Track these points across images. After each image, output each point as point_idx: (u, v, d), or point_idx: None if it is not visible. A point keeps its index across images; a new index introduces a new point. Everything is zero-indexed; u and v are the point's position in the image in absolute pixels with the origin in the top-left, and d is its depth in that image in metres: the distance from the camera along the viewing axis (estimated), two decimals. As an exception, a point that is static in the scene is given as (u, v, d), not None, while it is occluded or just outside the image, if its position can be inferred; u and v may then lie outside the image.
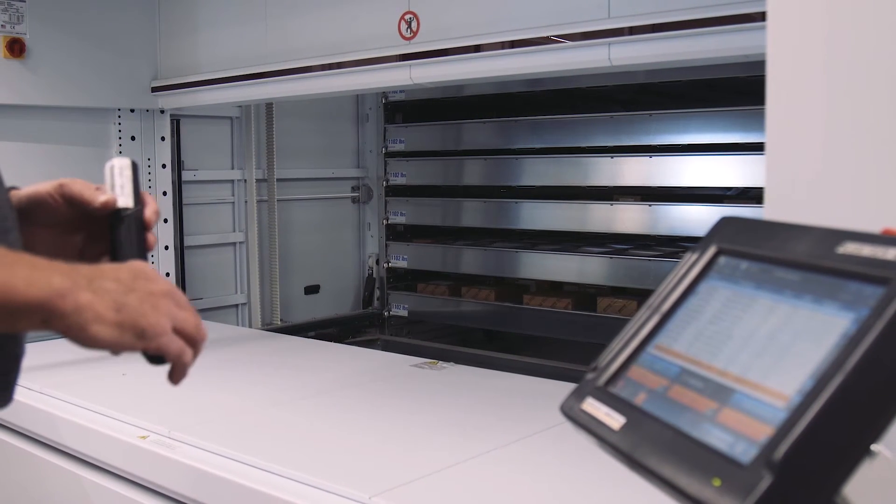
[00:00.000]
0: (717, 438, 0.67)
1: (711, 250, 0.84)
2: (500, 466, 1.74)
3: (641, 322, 0.83)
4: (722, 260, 0.82)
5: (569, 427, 0.84)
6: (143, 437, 1.94)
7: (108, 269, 0.95)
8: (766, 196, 0.98)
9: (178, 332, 0.96)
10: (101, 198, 1.12)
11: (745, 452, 0.64)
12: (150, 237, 1.15)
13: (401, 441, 1.91)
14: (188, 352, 0.98)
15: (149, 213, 1.14)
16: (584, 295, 3.46)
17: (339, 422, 2.06)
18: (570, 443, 1.79)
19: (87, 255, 1.19)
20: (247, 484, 1.66)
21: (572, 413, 0.82)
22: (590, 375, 0.84)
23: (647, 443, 0.72)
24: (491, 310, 3.64)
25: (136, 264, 0.99)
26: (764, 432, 0.64)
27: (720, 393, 0.71)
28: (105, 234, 1.14)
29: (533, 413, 2.10)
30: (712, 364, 0.74)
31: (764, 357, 0.70)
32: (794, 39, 0.98)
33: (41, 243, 1.14)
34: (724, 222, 0.85)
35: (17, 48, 2.92)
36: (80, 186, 1.14)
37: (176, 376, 0.99)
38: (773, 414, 0.64)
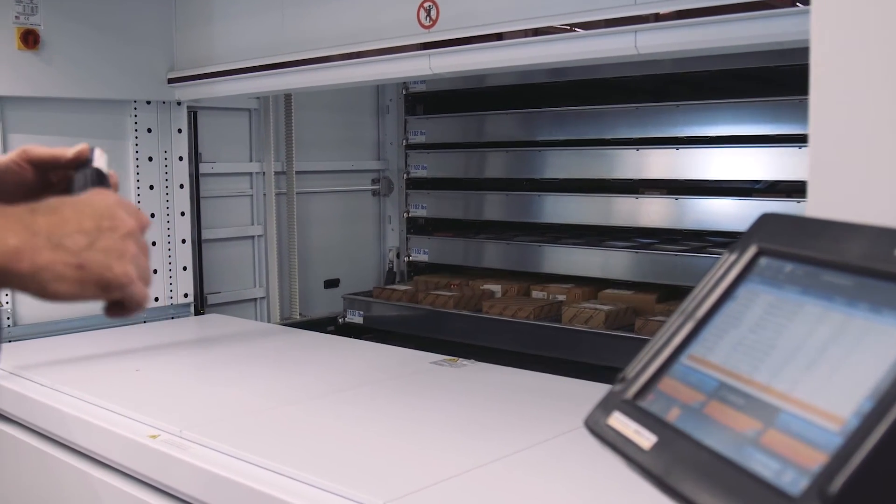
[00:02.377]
0: (761, 464, 0.60)
1: (751, 250, 0.76)
2: (522, 471, 1.67)
3: (674, 329, 0.76)
4: (763, 261, 0.75)
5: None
6: (154, 437, 1.89)
7: (70, 216, 0.87)
8: (810, 191, 0.90)
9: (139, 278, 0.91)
10: (73, 150, 1.13)
11: (794, 482, 0.56)
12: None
13: (417, 443, 1.85)
14: (147, 296, 0.92)
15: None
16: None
17: (354, 422, 2.00)
18: (598, 446, 1.73)
19: None
20: (257, 487, 1.60)
21: (598, 428, 0.75)
22: (617, 387, 0.77)
23: (681, 466, 0.64)
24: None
25: (97, 201, 0.91)
26: (816, 460, 0.56)
27: (764, 412, 0.63)
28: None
29: (557, 414, 2.03)
30: (754, 378, 0.67)
31: (813, 372, 0.62)
32: (840, 22, 0.90)
33: None
34: (765, 219, 0.78)
35: (31, 39, 2.88)
36: (44, 149, 1.16)
37: (124, 316, 0.93)
38: (826, 439, 0.57)
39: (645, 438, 0.69)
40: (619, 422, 0.73)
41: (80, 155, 1.13)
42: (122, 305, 0.90)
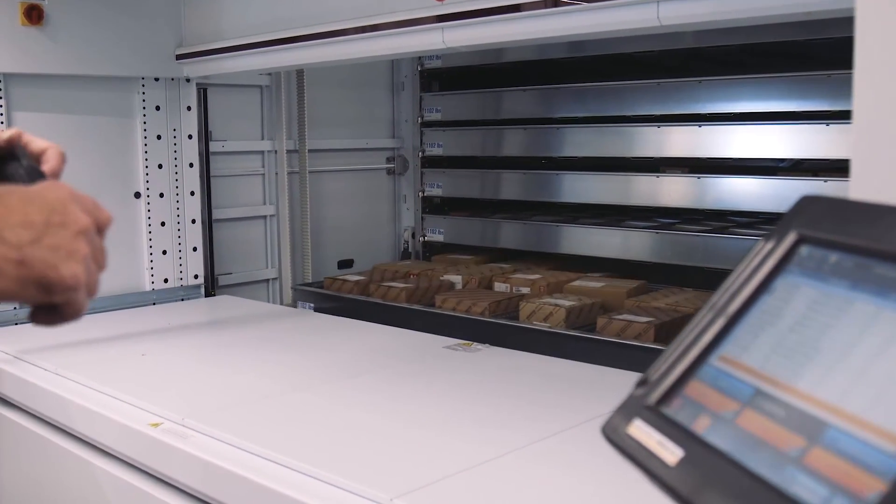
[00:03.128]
0: (806, 489, 0.52)
1: (791, 237, 0.67)
2: (538, 463, 1.60)
3: (703, 326, 0.67)
4: (805, 250, 0.66)
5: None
6: (155, 425, 1.82)
7: (16, 206, 0.79)
8: (854, 171, 0.81)
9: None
10: (6, 133, 1.08)
11: (846, 513, 0.48)
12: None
13: (428, 433, 1.77)
14: (87, 306, 0.84)
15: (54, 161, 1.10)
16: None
17: (364, 410, 1.92)
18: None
19: None
20: (256, 479, 1.53)
21: (616, 437, 0.67)
22: (638, 391, 0.68)
23: (711, 487, 0.56)
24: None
25: (49, 193, 0.83)
26: (871, 487, 0.48)
27: (808, 426, 0.55)
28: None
29: (576, 401, 1.95)
30: (795, 385, 0.58)
31: (867, 381, 0.54)
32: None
33: None
34: (806, 202, 0.69)
35: (35, 15, 2.80)
36: None
37: (53, 324, 0.84)
38: (883, 462, 0.49)
39: (670, 452, 0.61)
40: (641, 431, 0.65)
41: (11, 140, 1.06)
42: (56, 311, 0.81)
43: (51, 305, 0.81)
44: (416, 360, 2.35)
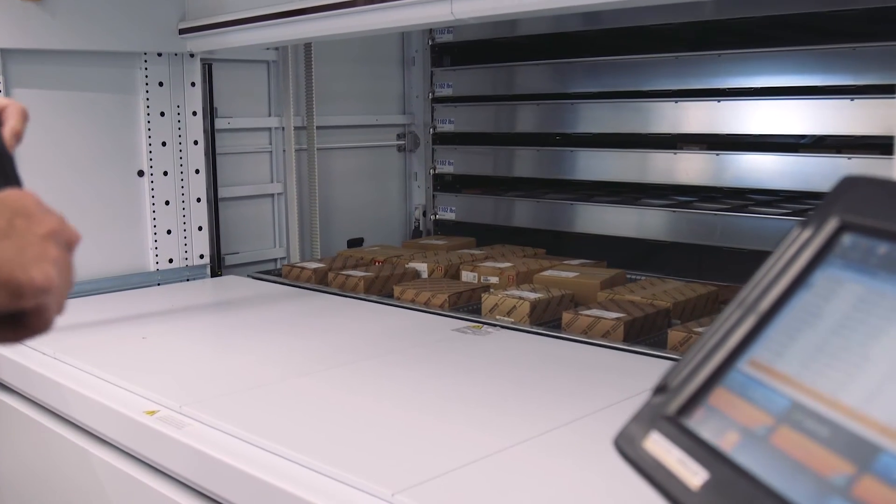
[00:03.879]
0: (856, 528, 0.44)
1: (832, 224, 0.59)
2: (548, 455, 1.52)
3: (730, 325, 0.59)
4: (848, 239, 0.58)
5: (634, 404, 0.61)
6: (152, 412, 1.75)
7: None
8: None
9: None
10: None
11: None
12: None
13: (434, 423, 1.69)
14: (54, 321, 0.76)
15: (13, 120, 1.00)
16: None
17: (366, 397, 1.85)
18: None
19: None
20: (253, 472, 1.46)
21: (631, 451, 0.59)
22: (656, 398, 0.60)
23: (742, 518, 0.48)
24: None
25: (12, 196, 0.75)
26: (938, 529, 0.40)
27: (857, 450, 0.47)
28: None
29: (589, 388, 1.88)
30: (841, 400, 0.50)
31: (928, 397, 0.46)
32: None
33: None
34: (849, 183, 0.60)
35: (33, -13, 2.72)
36: None
37: (16, 339, 0.76)
38: (953, 499, 0.41)
39: (692, 473, 0.53)
40: (659, 446, 0.56)
41: None
42: (21, 323, 0.73)
43: (15, 317, 0.73)
44: (423, 343, 2.28)
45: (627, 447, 0.59)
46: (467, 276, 2.97)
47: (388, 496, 1.34)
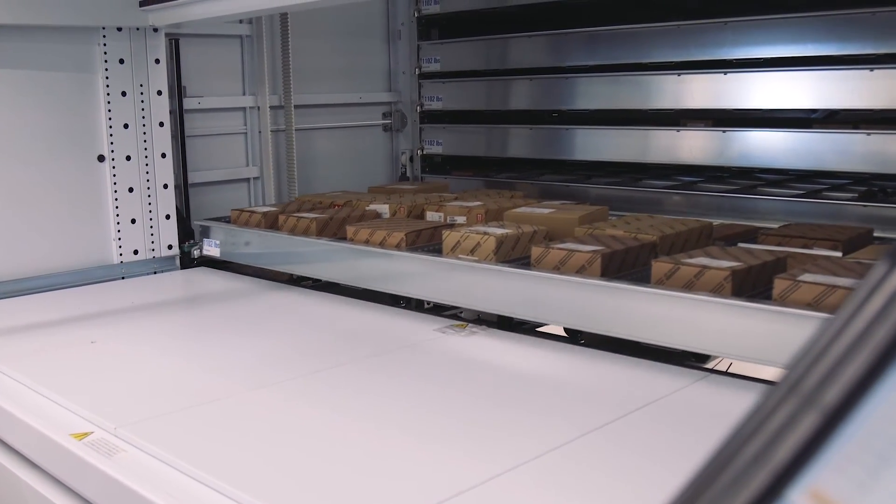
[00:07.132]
0: None
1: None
2: (542, 485, 1.30)
3: (777, 427, 0.36)
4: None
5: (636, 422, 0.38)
6: (82, 436, 1.53)
7: None
8: None
9: None
10: None
11: None
12: None
13: (412, 448, 1.47)
14: None
15: None
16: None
17: (337, 414, 1.63)
18: (633, 446, 1.35)
19: None
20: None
21: None
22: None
23: None
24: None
25: None
26: None
27: None
28: None
29: (582, 404, 1.66)
30: None
31: None
32: None
33: None
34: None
35: (-25, -44, 2.48)
36: None
37: None
38: None
39: None
40: None
41: None
42: None
43: None
44: (400, 347, 2.06)
45: None
46: (432, 216, 2.69)
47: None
